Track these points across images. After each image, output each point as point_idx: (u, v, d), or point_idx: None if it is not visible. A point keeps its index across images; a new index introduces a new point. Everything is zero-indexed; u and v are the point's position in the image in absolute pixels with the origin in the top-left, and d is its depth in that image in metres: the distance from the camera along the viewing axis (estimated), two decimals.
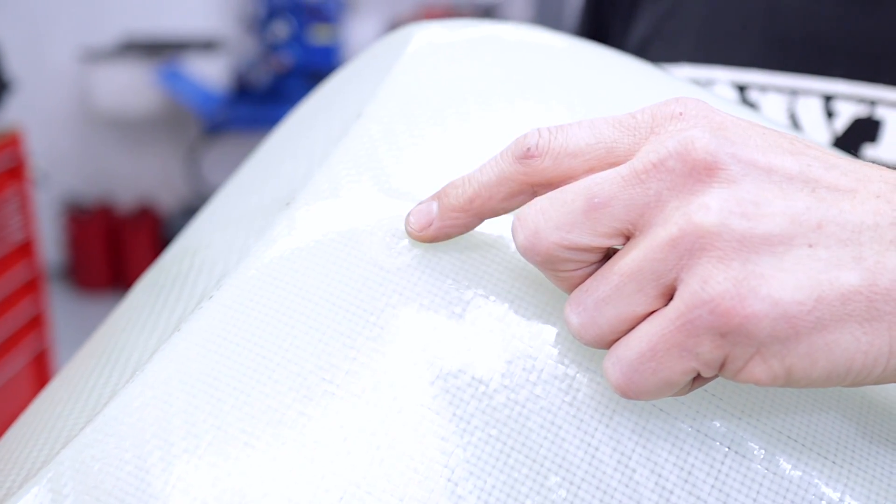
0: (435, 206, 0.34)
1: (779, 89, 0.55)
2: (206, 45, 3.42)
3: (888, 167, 0.31)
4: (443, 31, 0.45)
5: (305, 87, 3.28)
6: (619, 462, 0.31)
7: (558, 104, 0.41)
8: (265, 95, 3.38)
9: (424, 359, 0.32)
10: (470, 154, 0.38)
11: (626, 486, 0.31)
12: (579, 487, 0.31)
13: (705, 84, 0.57)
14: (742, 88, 0.56)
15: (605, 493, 0.31)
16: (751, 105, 0.55)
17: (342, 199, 0.36)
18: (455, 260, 0.34)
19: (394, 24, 3.39)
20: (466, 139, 0.39)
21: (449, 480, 0.30)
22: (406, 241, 0.35)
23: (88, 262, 3.48)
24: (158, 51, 3.32)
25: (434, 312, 0.33)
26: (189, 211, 3.22)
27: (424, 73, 0.42)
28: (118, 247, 3.47)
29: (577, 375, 0.32)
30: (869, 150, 0.52)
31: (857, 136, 0.52)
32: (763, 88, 0.55)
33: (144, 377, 0.31)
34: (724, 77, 0.57)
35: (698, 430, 0.32)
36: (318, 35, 3.35)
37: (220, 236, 0.41)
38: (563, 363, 0.33)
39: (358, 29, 3.56)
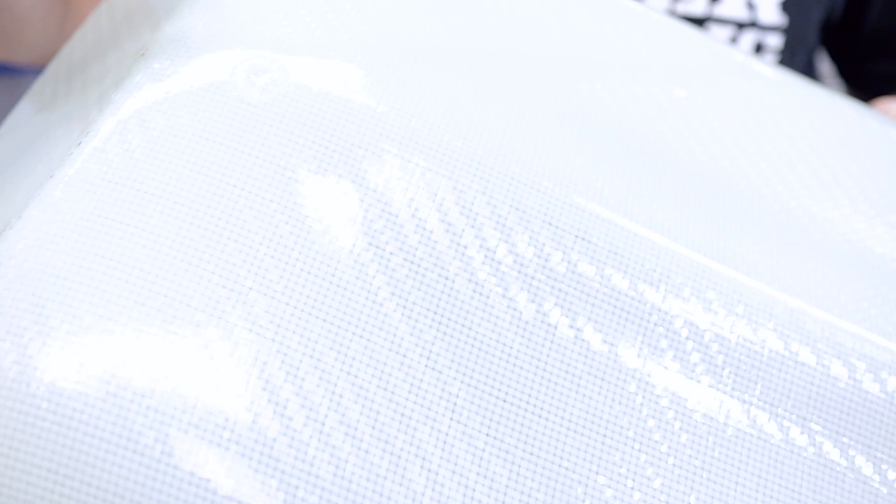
0: None
1: None
2: None
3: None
4: None
5: None
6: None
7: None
8: None
9: (294, 178, 0.34)
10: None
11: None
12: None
13: None
14: None
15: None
16: None
17: (192, 60, 0.36)
18: (319, 92, 0.35)
19: None
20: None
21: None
22: (268, 77, 0.35)
23: None
24: None
25: (303, 140, 0.34)
26: None
27: None
28: None
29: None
30: None
31: None
32: None
33: (24, 223, 0.31)
34: None
35: None
36: None
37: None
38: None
39: None
